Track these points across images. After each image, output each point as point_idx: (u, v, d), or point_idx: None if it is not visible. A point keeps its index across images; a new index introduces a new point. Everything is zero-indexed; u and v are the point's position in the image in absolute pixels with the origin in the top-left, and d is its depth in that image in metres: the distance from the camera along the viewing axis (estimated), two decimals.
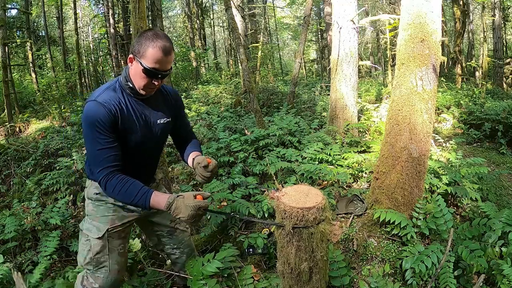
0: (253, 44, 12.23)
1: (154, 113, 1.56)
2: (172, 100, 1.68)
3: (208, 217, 2.74)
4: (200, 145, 1.79)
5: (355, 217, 2.67)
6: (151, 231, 1.82)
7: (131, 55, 1.42)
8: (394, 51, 4.90)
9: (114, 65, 13.80)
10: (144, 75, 1.39)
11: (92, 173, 1.54)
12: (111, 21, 13.34)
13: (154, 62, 1.36)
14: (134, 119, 1.48)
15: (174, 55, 1.45)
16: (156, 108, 1.57)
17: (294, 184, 2.91)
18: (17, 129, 8.78)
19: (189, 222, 1.31)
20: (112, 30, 13.36)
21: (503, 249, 1.99)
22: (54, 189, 4.10)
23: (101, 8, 17.34)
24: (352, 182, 3.36)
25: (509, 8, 14.37)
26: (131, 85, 1.45)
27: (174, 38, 22.21)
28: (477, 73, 11.67)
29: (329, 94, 5.60)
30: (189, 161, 1.66)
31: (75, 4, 14.05)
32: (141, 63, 1.36)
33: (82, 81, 13.65)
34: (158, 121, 1.58)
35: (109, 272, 1.57)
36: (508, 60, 12.45)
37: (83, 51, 19.35)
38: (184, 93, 10.11)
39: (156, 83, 1.42)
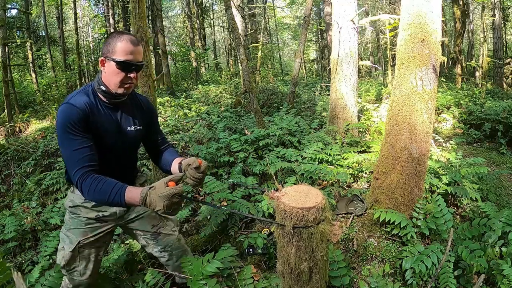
0: (253, 44, 12.23)
1: (126, 120, 1.58)
2: (145, 107, 1.69)
3: (208, 217, 2.75)
4: (177, 151, 1.77)
5: (355, 217, 2.67)
6: (136, 236, 1.82)
7: (102, 58, 1.44)
8: (394, 51, 4.90)
9: None
10: (118, 70, 1.41)
11: (69, 177, 1.54)
12: (111, 21, 13.35)
13: (125, 54, 1.40)
14: (104, 123, 1.48)
15: (142, 49, 1.48)
16: (128, 115, 1.59)
17: (294, 184, 2.91)
18: (17, 129, 8.78)
19: (168, 213, 1.24)
20: (112, 30, 13.36)
21: (503, 249, 1.99)
22: (54, 189, 4.11)
23: (101, 8, 17.35)
24: (352, 182, 3.36)
25: (509, 8, 14.37)
26: (104, 89, 1.46)
27: (174, 38, 22.20)
28: (477, 73, 11.68)
29: (329, 94, 5.60)
30: (174, 166, 1.63)
31: (75, 4, 14.05)
32: (113, 59, 1.40)
33: (82, 81, 13.64)
34: (129, 128, 1.58)
35: (80, 275, 1.66)
36: (508, 60, 12.46)
37: (83, 51, 19.34)
38: (184, 93, 10.11)
39: (131, 76, 1.44)
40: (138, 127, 1.62)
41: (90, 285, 1.71)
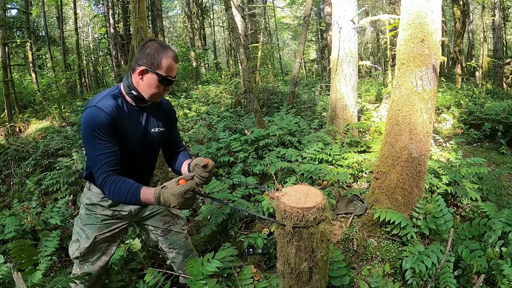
0: (253, 44, 12.23)
1: (150, 122, 1.64)
2: (166, 109, 1.75)
3: (208, 217, 2.74)
4: (190, 154, 1.84)
5: (355, 217, 2.67)
6: (147, 231, 1.92)
7: (142, 68, 1.46)
8: (394, 51, 4.90)
9: (114, 65, 13.81)
10: (159, 84, 1.47)
11: (89, 174, 1.62)
12: (111, 21, 13.35)
13: (169, 71, 1.47)
14: (130, 126, 1.54)
15: None
16: (152, 117, 1.65)
17: (294, 184, 2.91)
18: (17, 129, 8.78)
19: (184, 208, 1.33)
20: (112, 30, 13.37)
21: (503, 249, 2.00)
22: (54, 189, 4.11)
23: (101, 8, 17.35)
24: (352, 182, 3.36)
25: (509, 8, 14.37)
26: (135, 93, 1.51)
27: (174, 38, 22.21)
28: (477, 73, 11.68)
29: (329, 94, 5.60)
30: (184, 167, 1.70)
31: (75, 4, 14.04)
32: (157, 74, 1.45)
33: (82, 81, 13.64)
34: (153, 130, 1.64)
35: (92, 266, 1.74)
36: (508, 60, 12.46)
37: (83, 51, 19.34)
38: (184, 93, 10.11)
39: (167, 89, 1.52)
40: (162, 129, 1.69)
41: (99, 275, 1.78)
